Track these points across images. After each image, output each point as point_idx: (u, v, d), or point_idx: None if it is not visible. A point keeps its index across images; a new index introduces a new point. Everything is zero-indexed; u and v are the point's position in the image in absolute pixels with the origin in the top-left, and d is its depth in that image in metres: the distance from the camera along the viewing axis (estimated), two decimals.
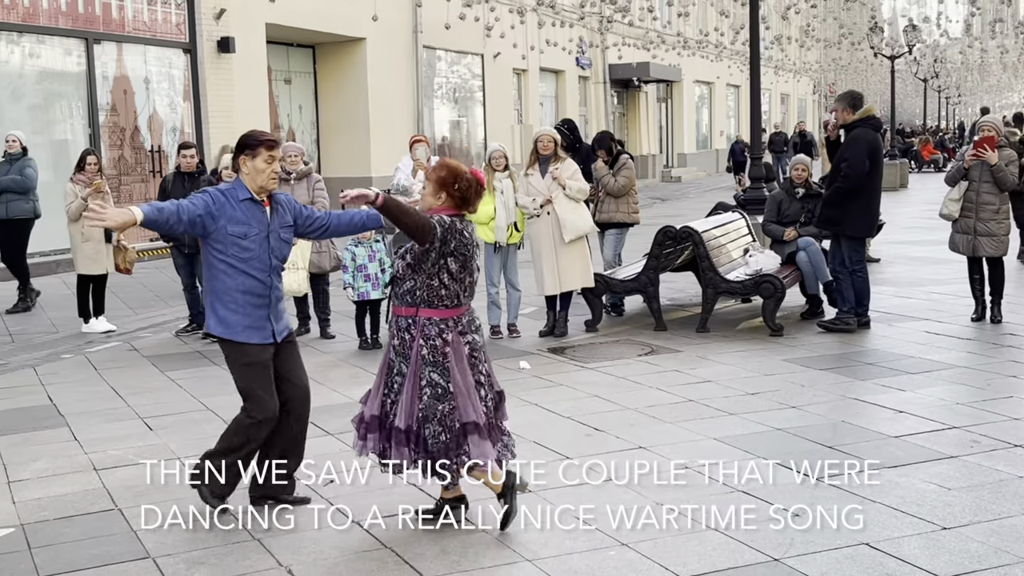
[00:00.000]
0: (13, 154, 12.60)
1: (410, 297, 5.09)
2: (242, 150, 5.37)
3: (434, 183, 5.16)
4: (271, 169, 5.34)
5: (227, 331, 5.35)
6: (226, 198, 5.29)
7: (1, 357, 9.96)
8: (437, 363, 5.04)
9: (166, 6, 18.70)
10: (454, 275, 5.07)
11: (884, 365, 8.56)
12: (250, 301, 5.34)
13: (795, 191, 10.94)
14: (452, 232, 5.04)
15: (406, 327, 5.10)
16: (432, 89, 26.81)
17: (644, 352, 9.38)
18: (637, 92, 38.50)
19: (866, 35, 35.30)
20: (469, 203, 5.19)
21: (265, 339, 5.40)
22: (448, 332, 5.07)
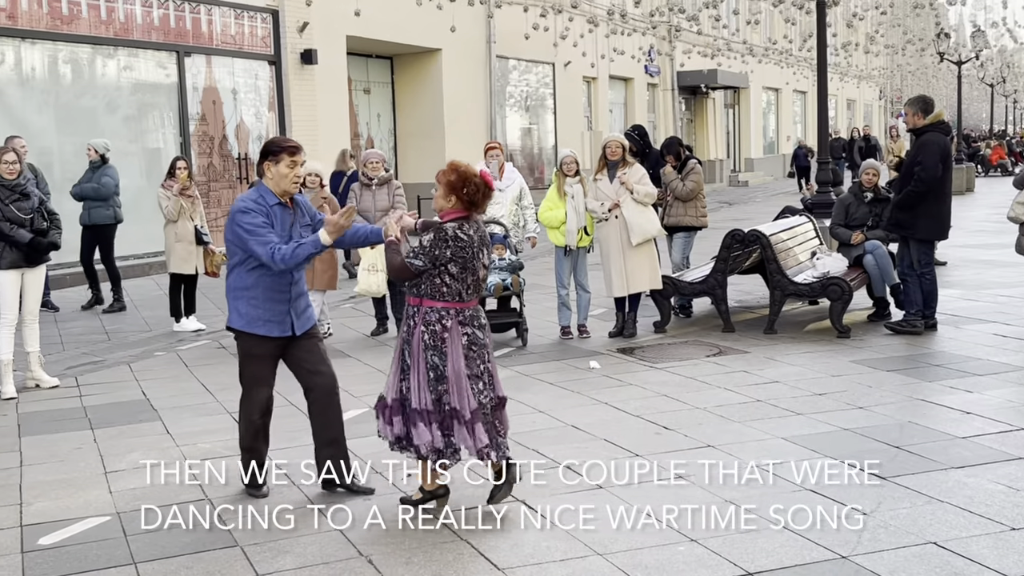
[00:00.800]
0: (93, 162, 12.84)
1: (416, 290, 5.30)
2: (266, 156, 5.55)
3: (444, 186, 5.31)
4: (293, 174, 5.53)
5: (246, 324, 5.56)
6: (264, 207, 5.49)
7: (98, 354, 10.18)
8: (436, 347, 5.21)
9: (252, 20, 18.97)
10: (455, 276, 5.23)
11: (951, 367, 8.40)
12: (271, 296, 5.54)
13: (864, 195, 10.78)
14: (443, 244, 5.18)
15: (412, 315, 5.30)
16: (504, 97, 26.87)
17: (712, 353, 9.31)
18: (705, 98, 38.21)
19: (932, 40, 34.65)
20: (477, 206, 5.34)
21: (283, 332, 5.60)
22: (448, 319, 5.23)
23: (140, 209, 16.46)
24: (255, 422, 5.73)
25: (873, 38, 32.06)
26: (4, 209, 8.39)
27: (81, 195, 12.70)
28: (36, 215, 8.56)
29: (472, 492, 5.55)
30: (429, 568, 4.73)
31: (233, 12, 18.51)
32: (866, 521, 5.08)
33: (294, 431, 7.06)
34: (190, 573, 4.76)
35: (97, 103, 16.51)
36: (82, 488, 6.04)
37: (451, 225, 5.26)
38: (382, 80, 24.22)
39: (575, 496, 5.53)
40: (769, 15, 36.43)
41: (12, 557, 5.02)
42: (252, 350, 5.65)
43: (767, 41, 33.89)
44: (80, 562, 4.92)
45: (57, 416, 7.79)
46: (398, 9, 20.47)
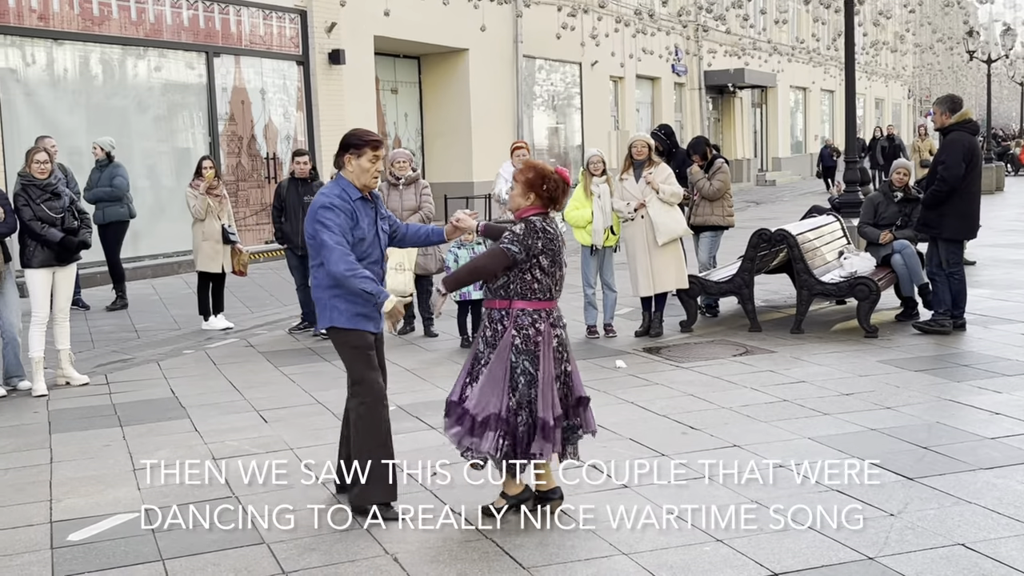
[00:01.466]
0: (100, 161, 12.87)
1: (503, 291, 5.14)
2: (347, 149, 5.37)
3: (522, 184, 5.20)
4: (375, 168, 5.36)
5: (349, 320, 5.33)
6: (347, 203, 5.28)
7: (127, 352, 10.24)
8: (529, 351, 5.08)
9: (281, 21, 19.04)
10: (545, 270, 5.13)
11: (980, 367, 8.32)
12: None
13: (893, 194, 10.69)
14: (534, 234, 5.09)
15: (499, 319, 5.15)
16: (531, 97, 26.85)
17: (739, 352, 9.26)
18: (732, 98, 38.04)
19: (961, 39, 34.36)
20: (556, 202, 5.24)
21: (377, 327, 5.44)
22: (541, 323, 5.13)
23: (169, 208, 16.60)
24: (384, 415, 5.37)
25: (902, 37, 31.83)
26: (35, 208, 8.46)
27: (96, 198, 12.76)
28: (67, 214, 8.62)
29: (493, 492, 5.54)
30: (454, 566, 4.72)
31: (262, 13, 18.58)
32: (893, 522, 5.03)
33: (320, 429, 7.09)
34: (217, 570, 4.78)
35: (127, 103, 16.62)
36: (111, 485, 6.07)
37: (536, 218, 5.16)
38: (409, 80, 24.26)
39: (600, 495, 5.52)
40: (797, 14, 36.25)
41: (42, 553, 5.06)
42: (358, 341, 5.37)
43: (795, 40, 33.69)
44: (108, 558, 4.95)
45: (87, 413, 7.85)
46: (426, 9, 20.49)
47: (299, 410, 7.72)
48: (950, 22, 35.04)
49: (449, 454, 5.65)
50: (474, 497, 5.43)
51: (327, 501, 5.61)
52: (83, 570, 4.83)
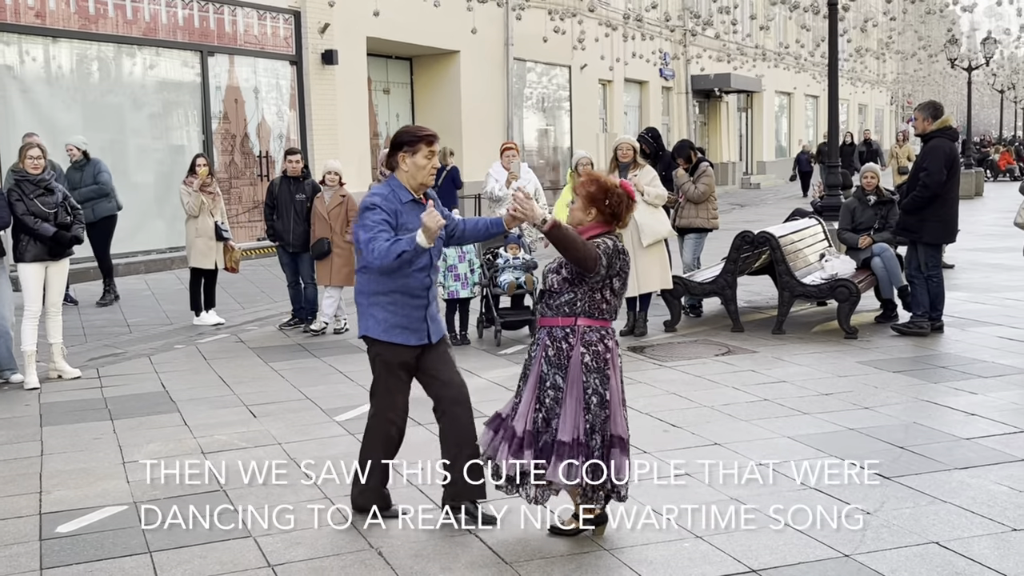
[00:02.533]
0: (77, 162, 12.53)
1: (568, 308, 4.78)
2: (400, 147, 5.05)
3: (583, 199, 4.83)
4: (431, 165, 5.05)
5: (383, 332, 5.04)
6: (394, 204, 4.98)
7: (119, 347, 10.21)
8: (600, 369, 4.76)
9: (275, 21, 19.00)
10: (616, 292, 4.82)
11: (957, 369, 8.34)
12: (408, 302, 5.05)
13: (867, 198, 10.73)
14: (616, 255, 4.77)
15: (563, 337, 4.77)
16: (522, 99, 26.84)
17: (721, 352, 9.27)
18: (718, 102, 38.12)
19: (944, 47, 34.46)
20: (619, 218, 4.86)
21: (420, 340, 5.09)
22: (609, 339, 4.83)
23: (163, 205, 16.56)
24: (391, 436, 5.18)
25: (887, 44, 31.89)
26: (29, 203, 8.42)
27: (84, 198, 12.53)
28: (60, 209, 8.59)
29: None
30: (437, 561, 4.72)
31: (256, 13, 18.54)
32: (869, 520, 5.04)
33: (308, 424, 7.08)
34: (204, 563, 4.76)
35: (122, 101, 16.57)
36: (100, 478, 6.05)
37: (612, 240, 4.80)
38: (401, 81, 24.23)
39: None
40: (783, 20, 36.32)
41: (31, 544, 5.03)
42: (390, 359, 5.09)
43: (780, 46, 33.72)
44: (97, 550, 4.93)
45: (78, 407, 7.81)
46: (418, 11, 20.45)
47: (288, 405, 7.70)
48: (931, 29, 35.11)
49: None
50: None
51: (314, 497, 5.59)
52: (71, 561, 4.81)
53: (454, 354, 5.32)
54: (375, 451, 5.20)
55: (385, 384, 5.16)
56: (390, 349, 5.08)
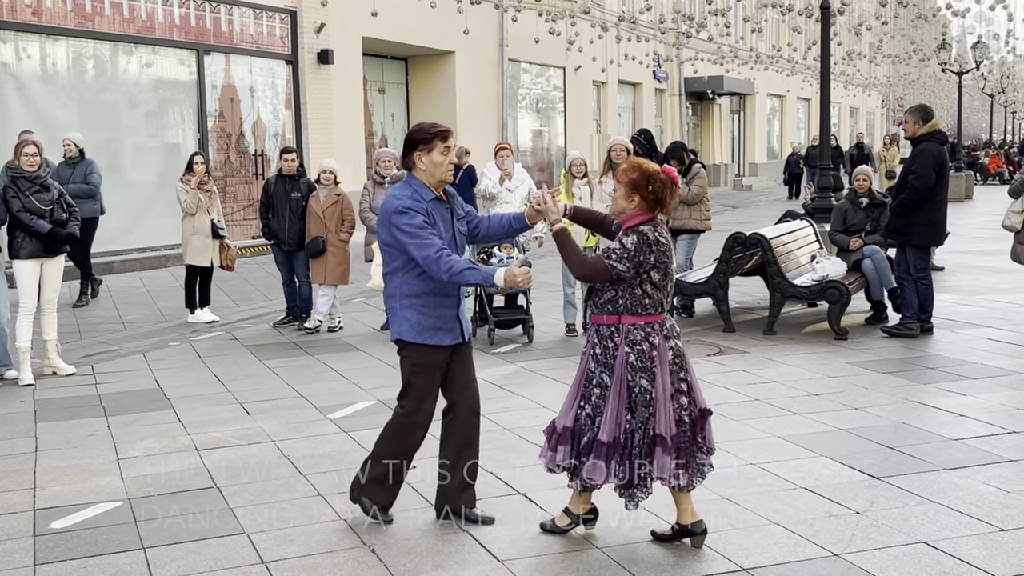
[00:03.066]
0: (72, 158, 12.19)
1: (611, 306, 4.69)
2: (415, 146, 4.92)
3: (626, 186, 4.69)
4: (447, 160, 4.93)
5: (417, 334, 4.94)
6: (422, 204, 4.86)
7: (114, 343, 10.18)
8: (645, 368, 4.65)
9: (271, 20, 18.97)
10: (656, 284, 4.68)
11: (946, 370, 8.36)
12: (440, 302, 4.95)
13: (859, 201, 10.74)
14: (647, 248, 4.62)
15: (609, 335, 4.70)
16: (516, 100, 26.84)
17: (712, 352, 9.28)
18: (711, 104, 38.17)
19: (935, 51, 34.54)
20: (663, 204, 4.71)
21: (455, 340, 5.01)
22: (655, 336, 4.68)
23: (158, 203, 16.53)
24: (417, 438, 5.07)
25: (878, 47, 31.95)
26: (24, 200, 8.40)
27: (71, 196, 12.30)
28: (55, 206, 8.57)
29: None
30: (430, 558, 4.71)
31: (252, 12, 18.52)
32: (859, 520, 5.05)
33: (302, 422, 7.07)
34: (198, 559, 4.75)
35: (119, 99, 16.53)
36: (95, 474, 6.03)
37: (648, 228, 4.67)
38: (397, 81, 24.22)
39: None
40: (776, 23, 36.37)
41: (24, 540, 5.01)
42: (423, 361, 4.97)
43: (773, 49, 33.80)
44: (91, 546, 4.91)
45: (73, 403, 7.79)
46: (413, 11, 20.46)
47: (282, 403, 7.69)
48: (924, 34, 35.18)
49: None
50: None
51: (307, 494, 5.58)
52: (65, 557, 4.79)
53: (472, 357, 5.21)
54: (392, 453, 5.07)
55: (417, 387, 5.04)
56: (424, 352, 4.98)
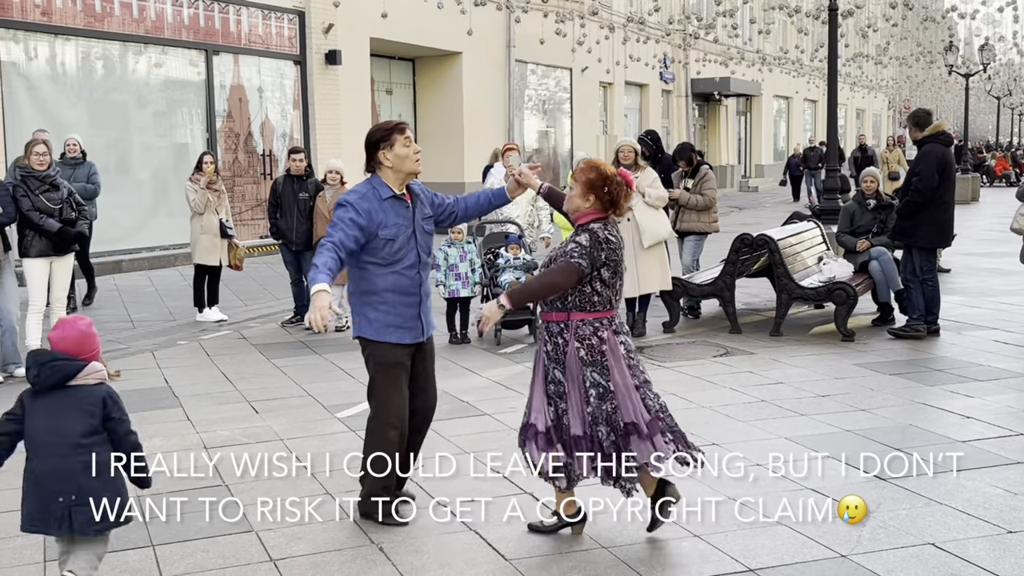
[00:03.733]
0: (74, 158, 11.78)
1: (561, 303, 4.77)
2: (377, 146, 4.97)
3: (582, 185, 4.81)
4: (412, 151, 4.96)
5: (376, 332, 5.00)
6: (370, 203, 4.90)
7: (123, 342, 10.20)
8: (596, 362, 4.73)
9: (279, 21, 18.99)
10: (606, 282, 4.77)
11: (952, 372, 8.35)
12: (400, 300, 5.00)
13: (866, 202, 10.72)
14: (598, 246, 4.72)
15: (558, 332, 4.79)
16: (523, 100, 26.84)
17: (719, 353, 9.27)
18: (718, 105, 38.13)
19: (941, 53, 34.48)
20: (617, 206, 4.83)
21: (415, 338, 5.06)
22: (603, 330, 4.76)
23: (167, 202, 16.57)
24: (392, 440, 5.04)
25: (885, 49, 31.90)
26: (34, 199, 8.42)
27: None
28: (65, 205, 8.59)
29: (479, 486, 5.53)
30: (437, 557, 4.72)
31: (261, 13, 18.54)
32: (866, 521, 5.04)
33: (310, 421, 7.08)
34: (206, 556, 4.76)
35: (128, 99, 16.56)
36: None
37: (598, 226, 4.77)
38: (404, 81, 24.23)
39: (582, 490, 5.49)
40: (782, 25, 36.32)
41: (35, 537, 5.01)
42: (385, 359, 5.03)
43: (779, 51, 33.74)
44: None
45: None
46: (421, 13, 20.46)
47: (290, 402, 7.70)
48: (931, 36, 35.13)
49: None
50: (452, 488, 5.42)
51: (316, 492, 5.59)
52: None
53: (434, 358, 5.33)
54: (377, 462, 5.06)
55: (381, 385, 5.10)
56: (384, 349, 5.02)
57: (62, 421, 4.09)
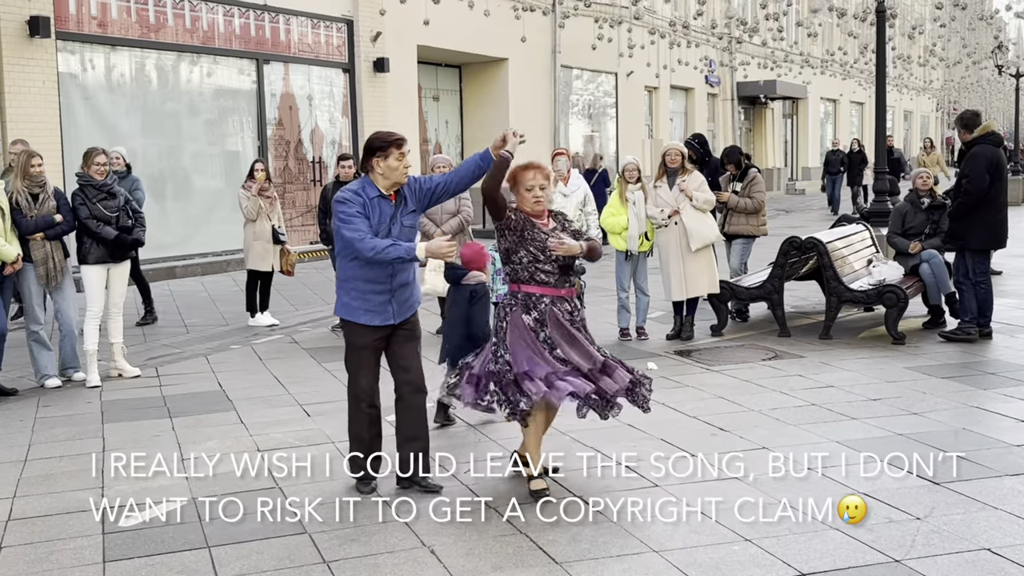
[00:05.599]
0: (118, 172, 11.27)
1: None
2: (373, 152, 5.44)
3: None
4: (402, 165, 5.42)
5: (348, 314, 5.52)
6: (362, 198, 5.39)
7: (177, 347, 10.32)
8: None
9: (328, 30, 19.14)
10: None
11: (1006, 375, 8.20)
12: (372, 289, 5.44)
13: (920, 201, 10.55)
14: None
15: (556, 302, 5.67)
16: (568, 105, 26.82)
17: (768, 357, 9.19)
18: (764, 108, 37.85)
19: (990, 54, 33.97)
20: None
21: (384, 321, 5.49)
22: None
23: (220, 209, 16.74)
24: (362, 410, 5.64)
25: (932, 51, 31.48)
26: (92, 207, 8.54)
27: None
28: (121, 213, 8.70)
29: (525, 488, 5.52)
30: (488, 560, 4.71)
31: (310, 22, 18.70)
32: (920, 526, 4.97)
33: None
34: (261, 558, 4.80)
35: (181, 107, 16.77)
36: (160, 474, 6.10)
37: None
38: (450, 88, 24.31)
39: (632, 493, 5.48)
40: (828, 27, 35.97)
41: (94, 538, 5.10)
42: (355, 339, 5.58)
43: (826, 53, 33.43)
44: (157, 544, 4.98)
45: (138, 404, 7.91)
46: (467, 20, 20.52)
47: (340, 405, 7.62)
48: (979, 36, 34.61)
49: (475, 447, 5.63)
50: (506, 489, 5.42)
51: (367, 494, 5.61)
52: (133, 555, 4.87)
53: (418, 342, 5.68)
54: (352, 427, 5.72)
55: (350, 363, 5.65)
56: (354, 329, 5.55)
57: None
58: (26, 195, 8.42)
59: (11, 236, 8.30)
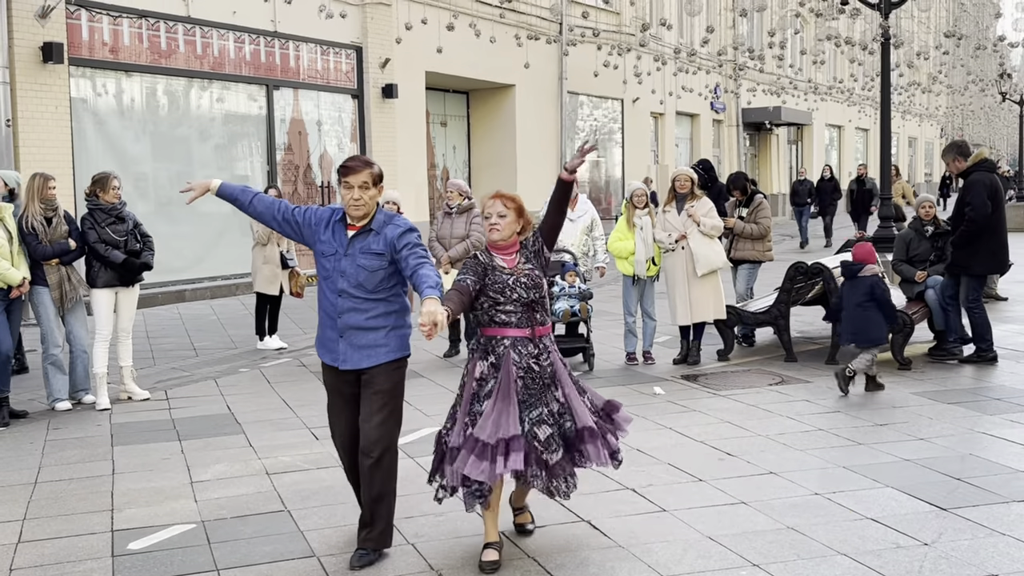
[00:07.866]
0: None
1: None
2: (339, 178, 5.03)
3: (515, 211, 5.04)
4: (350, 196, 4.83)
5: (317, 344, 5.13)
6: (324, 214, 4.99)
7: (186, 370, 10.33)
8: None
9: (337, 56, 19.25)
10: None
11: (1012, 401, 8.18)
12: (325, 318, 4.98)
13: (924, 229, 10.56)
14: None
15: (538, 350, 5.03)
16: (574, 131, 26.92)
17: (774, 381, 9.18)
18: (769, 134, 37.95)
19: (994, 81, 34.07)
20: None
21: (333, 361, 4.97)
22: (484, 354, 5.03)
23: (229, 233, 16.79)
24: (340, 453, 5.22)
25: (936, 78, 31.58)
26: (100, 231, 8.57)
27: None
28: (130, 237, 8.73)
29: (539, 512, 5.51)
30: None
31: (319, 48, 18.81)
32: (927, 552, 4.95)
33: None
34: None
35: (191, 133, 16.86)
36: (169, 496, 6.11)
37: None
38: (458, 113, 24.42)
39: (640, 518, 5.47)
40: (833, 54, 36.10)
41: (103, 560, 5.09)
42: (324, 375, 5.15)
43: (831, 80, 33.55)
44: (166, 567, 4.97)
45: (147, 427, 7.92)
46: (475, 46, 20.65)
47: None
48: (983, 64, 34.71)
49: None
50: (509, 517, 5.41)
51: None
52: None
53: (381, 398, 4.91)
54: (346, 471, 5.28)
55: (328, 402, 5.19)
56: (322, 365, 5.11)
57: None
58: (41, 219, 8.46)
59: (19, 259, 8.31)
